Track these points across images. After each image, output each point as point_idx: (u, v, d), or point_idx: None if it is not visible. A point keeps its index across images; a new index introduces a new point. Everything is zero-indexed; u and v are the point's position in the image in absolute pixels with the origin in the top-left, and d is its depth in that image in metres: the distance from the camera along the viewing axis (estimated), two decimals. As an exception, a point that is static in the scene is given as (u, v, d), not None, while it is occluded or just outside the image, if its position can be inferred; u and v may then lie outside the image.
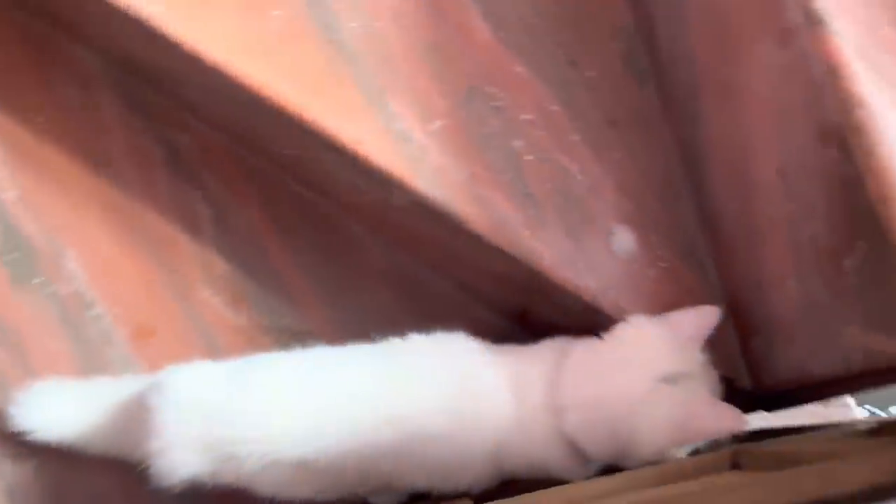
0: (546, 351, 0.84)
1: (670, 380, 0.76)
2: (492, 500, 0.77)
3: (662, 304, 0.85)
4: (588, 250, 0.87)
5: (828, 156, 0.64)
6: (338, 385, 0.83)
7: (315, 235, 1.08)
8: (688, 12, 0.84)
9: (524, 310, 1.02)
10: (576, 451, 0.79)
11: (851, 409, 1.17)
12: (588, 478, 0.79)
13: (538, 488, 0.75)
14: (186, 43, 0.86)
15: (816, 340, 0.73)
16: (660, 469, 0.74)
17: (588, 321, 0.87)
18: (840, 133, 0.62)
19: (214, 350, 1.02)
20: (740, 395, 0.85)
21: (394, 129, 0.88)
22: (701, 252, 0.88)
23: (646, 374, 0.76)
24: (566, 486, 0.75)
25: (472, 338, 0.87)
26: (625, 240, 0.88)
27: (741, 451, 0.73)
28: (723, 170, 0.82)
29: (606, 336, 0.81)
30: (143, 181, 1.06)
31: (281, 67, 0.87)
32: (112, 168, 1.04)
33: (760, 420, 0.85)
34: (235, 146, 1.06)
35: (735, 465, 0.73)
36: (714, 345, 0.82)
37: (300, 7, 0.89)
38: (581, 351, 0.81)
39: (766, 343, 0.82)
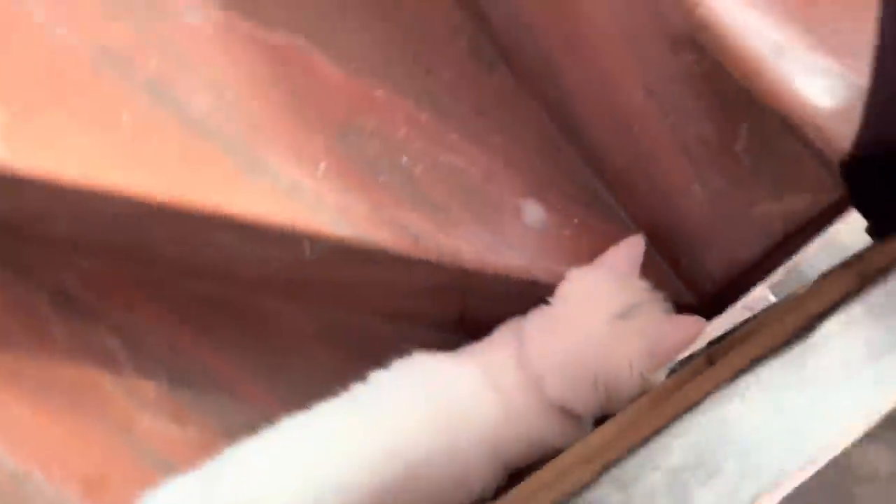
0: (503, 335, 0.86)
1: (625, 314, 0.79)
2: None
3: (588, 256, 0.88)
4: (505, 233, 0.90)
5: (685, 59, 0.70)
6: (318, 447, 0.80)
7: (233, 325, 1.04)
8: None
9: (462, 315, 1.03)
10: (566, 414, 0.80)
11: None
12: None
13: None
14: (44, 177, 0.82)
15: (736, 229, 0.78)
16: (648, 398, 0.76)
17: (526, 299, 0.89)
18: (689, 35, 0.68)
19: (174, 473, 0.96)
20: (688, 312, 0.89)
21: (282, 185, 0.87)
22: (604, 196, 0.93)
23: (601, 316, 0.79)
24: (572, 448, 0.75)
25: (428, 353, 0.86)
26: (534, 211, 0.91)
27: (713, 352, 0.76)
28: (596, 113, 0.87)
29: (552, 299, 0.84)
30: (37, 335, 0.99)
31: (147, 166, 0.85)
32: (-2, 333, 0.98)
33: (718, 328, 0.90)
34: (125, 266, 1.02)
35: (711, 365, 0.76)
36: (647, 276, 0.86)
37: (146, 104, 0.88)
38: (535, 321, 0.83)
39: (692, 254, 0.86)
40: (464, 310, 1.01)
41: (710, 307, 0.89)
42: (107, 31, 0.89)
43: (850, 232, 0.70)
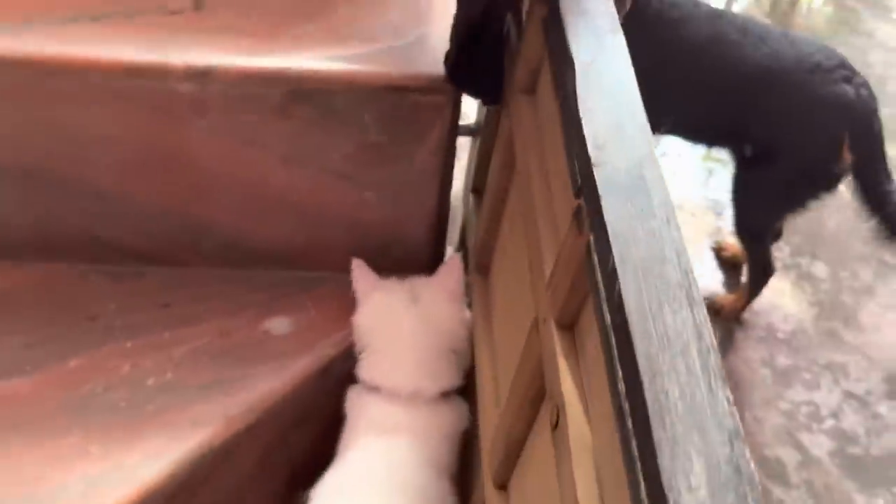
0: (354, 404, 0.92)
1: (413, 299, 0.92)
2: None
3: (344, 311, 0.98)
4: (278, 355, 0.94)
5: (298, 113, 0.86)
6: None
7: None
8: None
9: (294, 469, 1.02)
10: (447, 396, 0.91)
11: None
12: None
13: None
14: None
15: (414, 191, 0.95)
16: (482, 327, 0.91)
17: (328, 389, 0.96)
18: (293, 96, 0.84)
19: None
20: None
21: (72, 495, 0.79)
22: (304, 273, 1.03)
23: (403, 315, 0.90)
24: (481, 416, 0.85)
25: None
26: (278, 324, 0.98)
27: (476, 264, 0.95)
28: (259, 222, 0.98)
29: (359, 348, 0.93)
30: None
31: None
32: None
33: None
34: None
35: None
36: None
37: None
38: (368, 368, 0.91)
39: (399, 244, 1.01)
40: (291, 457, 1.01)
41: (437, 265, 1.07)
42: None
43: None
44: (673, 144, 2.27)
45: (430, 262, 1.03)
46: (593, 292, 0.45)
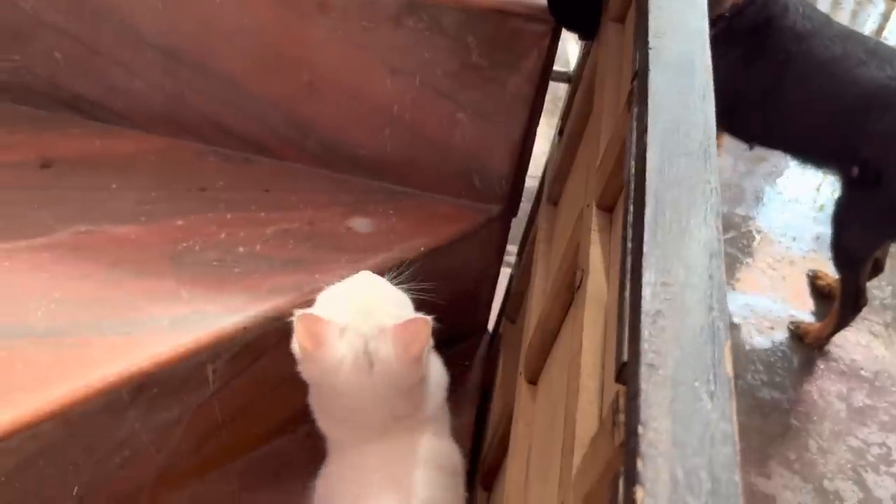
0: None
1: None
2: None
3: (415, 224, 1.07)
4: (355, 248, 1.03)
5: (409, 25, 0.94)
6: None
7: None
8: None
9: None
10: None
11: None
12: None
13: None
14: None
15: (502, 119, 1.02)
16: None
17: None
18: (406, 5, 0.92)
19: None
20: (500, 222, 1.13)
21: (162, 324, 0.90)
22: (392, 187, 1.12)
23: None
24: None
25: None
26: (361, 223, 1.07)
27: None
28: (360, 130, 1.07)
29: None
30: None
31: (28, 391, 0.82)
32: None
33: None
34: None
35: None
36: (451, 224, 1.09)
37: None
38: None
39: (480, 170, 1.08)
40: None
41: (513, 201, 1.13)
42: None
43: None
44: (787, 171, 2.24)
45: (506, 198, 1.10)
46: (627, 151, 0.51)
